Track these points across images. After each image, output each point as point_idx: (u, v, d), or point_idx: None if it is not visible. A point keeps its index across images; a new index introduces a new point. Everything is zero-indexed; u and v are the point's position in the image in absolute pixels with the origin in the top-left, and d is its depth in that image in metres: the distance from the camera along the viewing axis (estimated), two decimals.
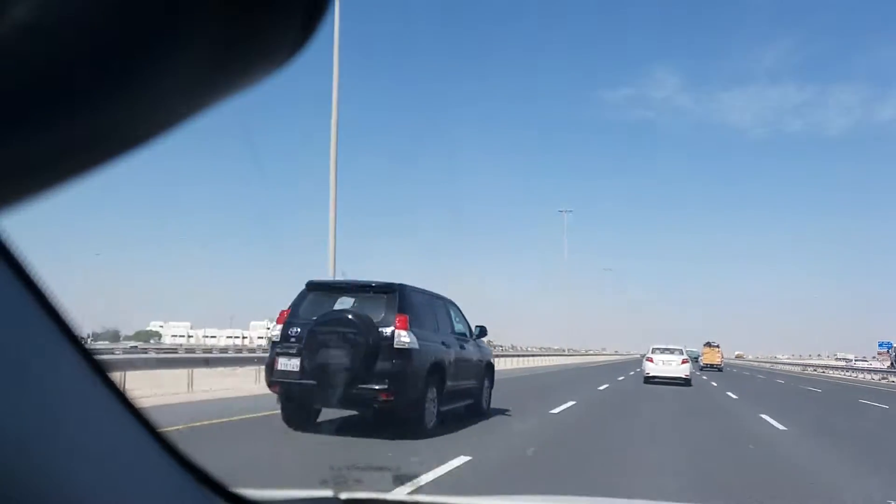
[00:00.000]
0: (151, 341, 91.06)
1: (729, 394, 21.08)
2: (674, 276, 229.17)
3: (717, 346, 56.70)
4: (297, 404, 8.18)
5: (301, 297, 8.44)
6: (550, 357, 58.46)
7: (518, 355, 52.55)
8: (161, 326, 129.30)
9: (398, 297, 8.14)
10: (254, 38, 0.49)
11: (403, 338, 7.81)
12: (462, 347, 9.71)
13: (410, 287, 8.58)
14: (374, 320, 7.81)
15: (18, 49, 0.42)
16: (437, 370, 8.50)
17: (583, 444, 8.96)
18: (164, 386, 13.12)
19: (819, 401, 21.12)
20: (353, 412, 8.65)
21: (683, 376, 25.07)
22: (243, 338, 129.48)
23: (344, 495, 1.45)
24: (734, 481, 6.83)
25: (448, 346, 9.08)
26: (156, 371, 13.77)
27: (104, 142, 0.49)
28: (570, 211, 54.04)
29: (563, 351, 70.30)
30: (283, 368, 7.92)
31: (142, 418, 0.86)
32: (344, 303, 8.41)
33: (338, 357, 7.56)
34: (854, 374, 51.45)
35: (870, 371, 49.97)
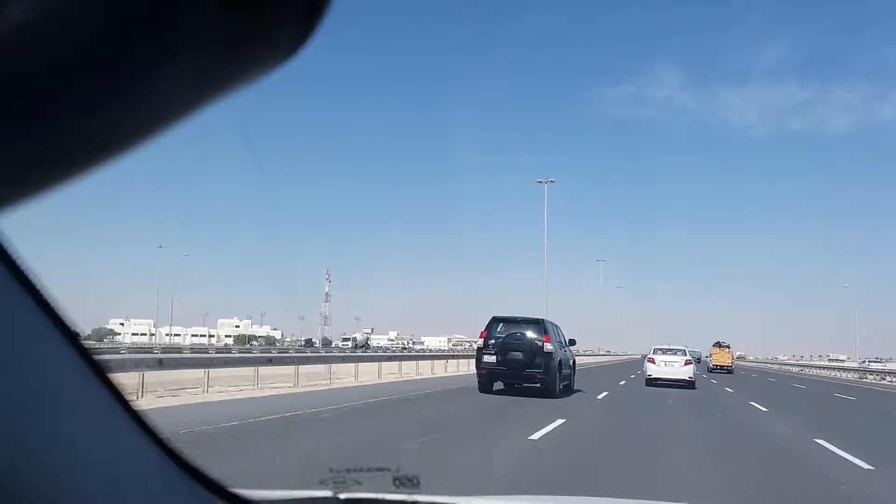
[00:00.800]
0: (105, 340, 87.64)
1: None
2: (671, 274, 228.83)
3: (728, 347, 53.06)
4: (490, 380, 16.13)
5: (491, 324, 16.31)
6: None
7: None
8: (122, 324, 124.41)
9: (543, 325, 16.19)
10: (253, 38, 0.49)
11: (548, 346, 15.66)
12: (564, 352, 17.35)
13: (548, 320, 16.82)
14: (532, 337, 15.69)
15: (18, 49, 0.42)
16: (559, 364, 16.20)
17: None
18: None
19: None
20: (509, 386, 16.53)
21: (687, 378, 24.10)
22: (210, 336, 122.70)
23: (343, 496, 1.45)
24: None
25: (560, 350, 16.72)
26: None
27: (104, 142, 0.49)
28: (552, 181, 50.97)
29: None
30: (486, 360, 15.88)
31: (140, 419, 0.86)
32: (513, 328, 16.11)
33: (516, 356, 15.54)
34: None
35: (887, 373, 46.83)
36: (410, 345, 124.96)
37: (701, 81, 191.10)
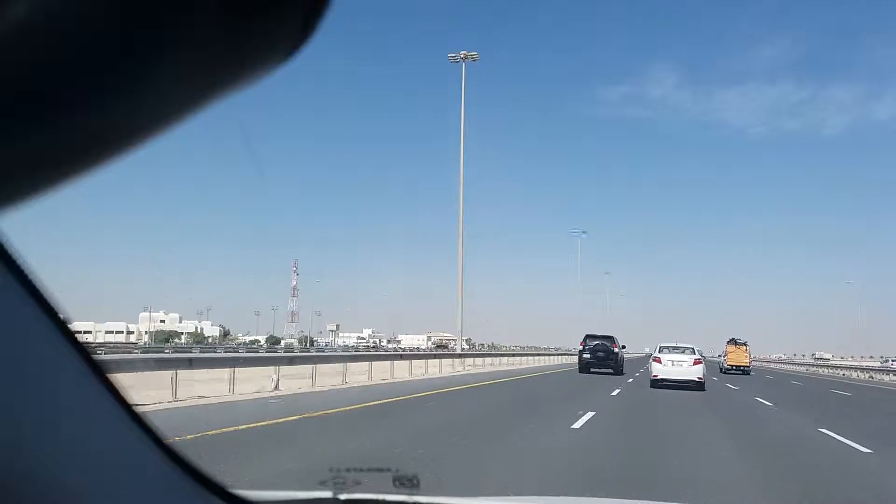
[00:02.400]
0: None
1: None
2: (666, 273, 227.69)
3: (745, 344, 46.12)
4: (586, 367, 33.48)
5: (585, 338, 34.31)
6: (517, 356, 50.40)
7: (509, 354, 50.44)
8: None
9: (613, 338, 34.54)
10: (253, 37, 0.49)
11: (616, 349, 34.18)
12: (622, 352, 35.52)
13: (615, 336, 35.35)
14: (608, 345, 33.97)
15: (18, 49, 0.42)
16: (620, 358, 34.71)
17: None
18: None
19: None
20: (601, 371, 33.41)
21: (696, 379, 22.44)
22: (129, 332, 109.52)
23: (343, 496, 1.45)
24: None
25: (621, 351, 35.06)
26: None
27: (104, 142, 0.49)
28: (473, 56, 44.39)
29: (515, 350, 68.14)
30: (584, 357, 33.83)
31: (140, 420, 0.86)
32: (597, 340, 34.23)
33: (600, 354, 33.38)
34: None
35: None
36: (385, 343, 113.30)
37: (698, 81, 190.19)
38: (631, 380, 28.26)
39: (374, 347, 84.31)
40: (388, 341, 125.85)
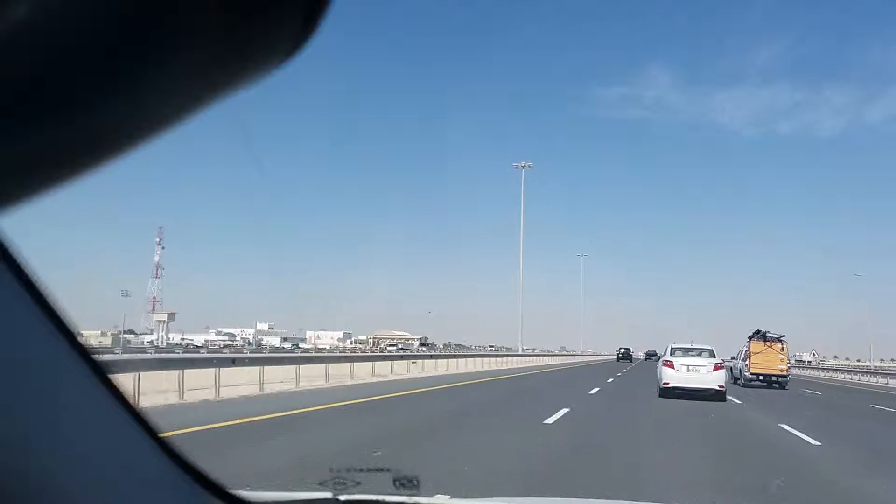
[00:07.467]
0: None
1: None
2: (652, 272, 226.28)
3: (780, 341, 29.79)
4: (618, 360, 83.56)
5: (619, 348, 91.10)
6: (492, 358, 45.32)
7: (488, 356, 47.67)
8: None
9: (629, 348, 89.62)
10: (253, 37, 0.49)
11: (631, 352, 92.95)
12: (635, 353, 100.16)
13: (630, 347, 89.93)
14: (629, 351, 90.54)
15: (18, 49, 0.42)
16: (634, 357, 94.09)
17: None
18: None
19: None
20: (625, 362, 76.68)
21: (717, 388, 18.31)
22: None
23: (343, 497, 1.45)
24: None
25: (634, 354, 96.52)
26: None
27: (104, 142, 0.49)
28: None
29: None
30: (619, 356, 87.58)
31: (141, 419, 0.86)
32: (624, 349, 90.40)
33: (627, 354, 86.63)
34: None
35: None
36: (283, 344, 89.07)
37: (693, 82, 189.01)
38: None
39: (227, 346, 63.24)
40: (286, 340, 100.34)
